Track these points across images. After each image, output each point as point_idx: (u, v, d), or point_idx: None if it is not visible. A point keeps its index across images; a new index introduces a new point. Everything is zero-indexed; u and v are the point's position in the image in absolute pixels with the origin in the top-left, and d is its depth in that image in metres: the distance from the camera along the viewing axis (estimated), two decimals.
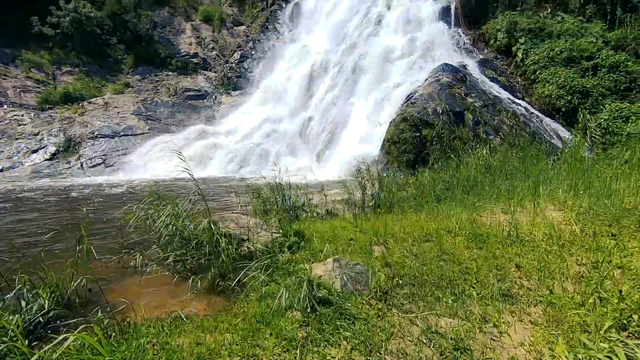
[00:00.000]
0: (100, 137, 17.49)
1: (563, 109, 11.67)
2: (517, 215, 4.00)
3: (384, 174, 12.07)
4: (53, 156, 16.40)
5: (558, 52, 13.08)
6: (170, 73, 27.03)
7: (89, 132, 17.52)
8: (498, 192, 5.04)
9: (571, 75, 12.07)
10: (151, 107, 21.56)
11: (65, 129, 17.96)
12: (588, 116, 10.81)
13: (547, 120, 11.99)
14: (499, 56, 15.36)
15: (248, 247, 3.38)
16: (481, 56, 15.99)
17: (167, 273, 3.41)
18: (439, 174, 6.79)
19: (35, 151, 16.34)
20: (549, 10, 16.25)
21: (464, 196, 4.94)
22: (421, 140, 10.99)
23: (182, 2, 30.48)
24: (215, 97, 25.64)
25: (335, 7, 25.65)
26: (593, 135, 10.55)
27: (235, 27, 31.14)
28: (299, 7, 28.97)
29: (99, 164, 16.32)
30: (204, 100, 25.33)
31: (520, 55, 14.17)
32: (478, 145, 9.81)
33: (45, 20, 24.33)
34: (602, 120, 10.67)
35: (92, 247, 3.08)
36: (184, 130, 19.97)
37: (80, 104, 20.57)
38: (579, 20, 15.27)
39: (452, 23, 17.89)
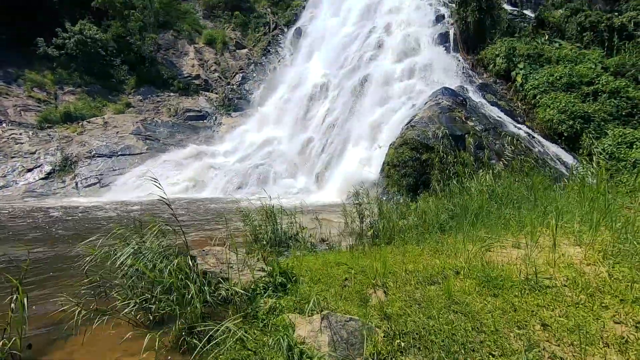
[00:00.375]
0: (98, 157, 17.15)
1: (565, 134, 11.34)
2: (529, 249, 3.53)
3: (384, 198, 11.66)
4: (48, 175, 16.00)
5: (557, 78, 12.89)
6: (171, 94, 27.01)
7: (87, 152, 17.19)
8: (506, 222, 4.58)
9: (572, 100, 11.82)
10: (151, 127, 21.35)
11: (62, 147, 17.65)
12: (593, 141, 10.46)
13: (549, 144, 11.64)
14: (498, 81, 15.20)
15: (227, 290, 2.90)
16: (480, 80, 15.84)
17: (127, 323, 2.90)
18: (442, 200, 6.33)
19: (30, 170, 15.96)
20: (547, 37, 16.24)
21: (469, 227, 4.48)
22: (421, 164, 10.60)
23: (186, 26, 30.88)
24: (216, 117, 25.51)
25: (336, 32, 25.88)
26: (599, 160, 10.17)
27: (237, 50, 31.42)
28: (301, 31, 29.32)
29: (94, 184, 15.89)
30: (205, 120, 25.18)
31: (519, 80, 13.99)
32: (480, 170, 9.41)
33: (51, 42, 24.52)
34: (607, 145, 10.31)
35: (37, 294, 2.61)
36: (182, 150, 19.66)
37: (80, 123, 20.35)
38: (577, 47, 15.21)
39: (451, 48, 17.88)
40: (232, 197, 15.53)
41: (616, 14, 15.35)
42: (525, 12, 20.48)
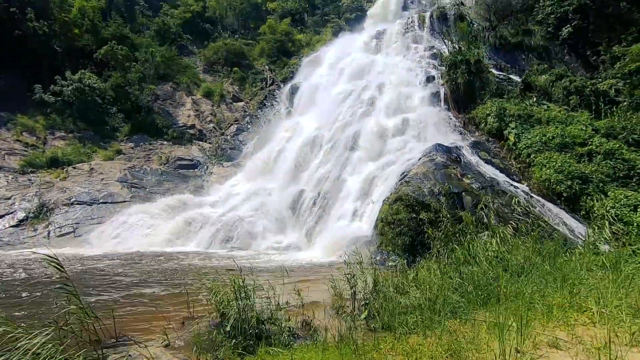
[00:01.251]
0: (77, 204, 16.22)
1: (565, 194, 10.92)
2: (572, 351, 2.73)
3: (377, 257, 10.79)
4: (20, 222, 14.92)
5: (550, 138, 12.82)
6: (164, 142, 26.78)
7: (66, 198, 16.29)
8: (528, 303, 3.78)
9: (568, 161, 11.59)
10: (139, 174, 20.70)
11: (41, 193, 16.74)
12: (594, 203, 10.00)
13: (548, 205, 11.15)
14: (490, 139, 15.16)
15: None
16: (473, 138, 15.81)
17: None
18: (445, 268, 5.56)
19: (1, 216, 14.89)
20: (534, 100, 16.58)
21: (486, 310, 3.68)
22: (418, 223, 9.92)
23: (185, 79, 31.64)
24: (207, 167, 25.07)
25: (330, 89, 26.52)
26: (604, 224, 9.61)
27: (234, 103, 31.97)
28: (296, 87, 30.10)
29: (68, 233, 14.79)
30: (195, 170, 24.69)
31: (512, 139, 13.92)
32: (480, 231, 8.76)
33: (48, 88, 24.63)
34: (609, 208, 9.84)
35: None
36: (169, 199, 18.84)
37: (65, 169, 19.65)
38: (565, 109, 15.45)
39: (442, 107, 18.15)
40: (215, 252, 14.50)
41: (599, 79, 15.89)
42: (510, 76, 21.27)
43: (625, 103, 16.08)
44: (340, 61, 28.67)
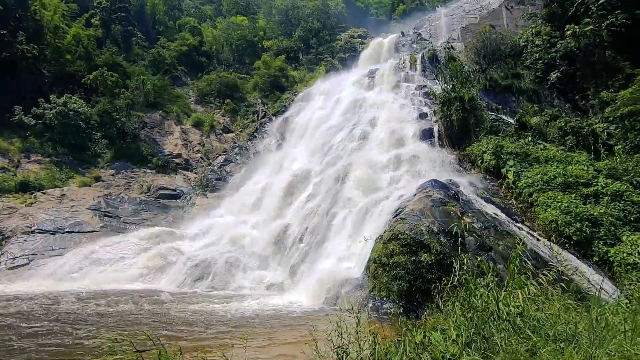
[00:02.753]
0: (38, 233, 14.54)
1: (575, 238, 9.89)
2: None
3: (369, 304, 9.38)
4: None
5: (552, 177, 12.03)
6: (148, 170, 25.44)
7: (26, 226, 14.62)
8: None
9: (574, 201, 10.71)
10: (114, 202, 19.16)
11: (1, 220, 15.04)
12: (608, 249, 8.98)
13: (556, 248, 10.07)
14: (487, 177, 14.35)
15: None
16: (469, 176, 14.97)
17: None
18: (458, 330, 4.30)
19: None
20: (530, 139, 16.04)
21: None
22: (416, 266, 8.67)
23: (176, 108, 30.95)
24: (190, 197, 23.66)
25: (322, 123, 26.00)
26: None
27: (224, 134, 31.17)
28: (288, 120, 29.60)
29: (22, 265, 13.02)
30: (178, 200, 23.24)
31: (511, 177, 13.10)
32: (483, 276, 7.57)
33: (30, 111, 23.48)
34: (626, 254, 8.80)
35: None
36: (144, 230, 17.25)
37: (33, 194, 18.04)
38: (562, 149, 14.87)
39: (436, 143, 17.51)
40: (187, 291, 12.85)
41: (596, 121, 15.56)
42: (502, 117, 21.02)
43: (619, 146, 15.66)
44: (333, 97, 28.49)
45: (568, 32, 21.01)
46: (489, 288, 5.46)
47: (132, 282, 13.32)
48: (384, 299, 9.07)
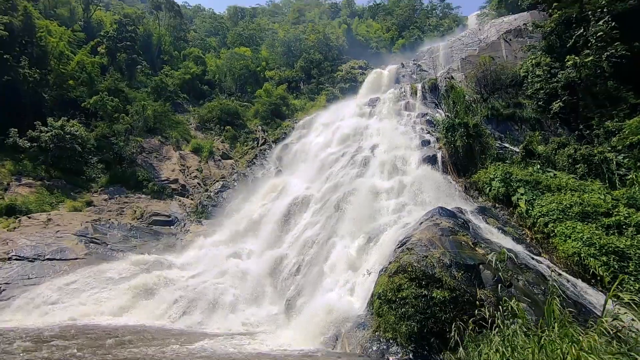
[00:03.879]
0: (15, 259, 13.40)
1: (602, 273, 8.82)
2: None
3: (373, 348, 8.18)
4: None
5: (568, 206, 11.14)
6: (142, 196, 24.52)
7: (4, 252, 13.51)
8: None
9: (596, 232, 9.73)
10: (103, 228, 18.09)
11: None
12: None
13: (581, 284, 9.00)
14: (497, 205, 13.44)
15: None
16: (476, 204, 14.06)
17: None
18: None
19: None
20: (538, 167, 15.28)
21: None
22: (427, 303, 7.57)
23: (175, 133, 30.53)
24: (185, 224, 22.57)
25: (322, 150, 25.45)
26: None
27: (223, 160, 30.55)
28: (288, 147, 29.09)
29: None
30: (171, 227, 22.15)
31: (523, 205, 12.20)
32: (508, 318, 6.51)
33: (25, 133, 22.90)
34: None
35: None
36: (130, 258, 16.06)
37: (18, 218, 17.03)
38: (573, 178, 14.06)
39: (440, 170, 16.73)
40: (171, 326, 11.56)
41: (608, 148, 14.87)
42: (505, 145, 20.39)
43: (630, 176, 14.88)
44: (334, 124, 28.14)
45: (569, 63, 20.84)
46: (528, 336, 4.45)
47: (112, 315, 12.02)
48: (391, 341, 7.89)
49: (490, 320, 6.28)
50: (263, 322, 12.37)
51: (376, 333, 8.40)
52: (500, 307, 7.08)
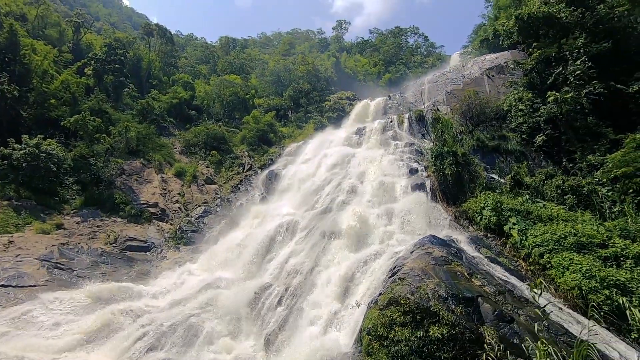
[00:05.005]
0: None
1: (606, 308, 8.22)
2: None
3: None
4: None
5: (562, 236, 10.70)
6: (118, 219, 23.13)
7: None
8: None
9: (595, 264, 9.24)
10: (70, 253, 16.66)
11: None
12: None
13: (583, 320, 8.34)
14: (489, 235, 12.94)
15: None
16: (467, 233, 13.53)
17: None
18: None
19: None
20: (527, 197, 15.03)
21: None
22: (424, 341, 6.74)
23: (158, 156, 29.57)
24: (162, 250, 21.18)
25: (309, 177, 24.91)
26: None
27: (206, 185, 29.55)
28: (274, 174, 28.42)
29: None
30: (147, 253, 20.72)
31: (515, 235, 11.74)
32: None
33: None
34: None
35: None
36: (96, 286, 14.62)
37: None
38: (562, 208, 13.80)
39: (429, 198, 16.30)
40: None
41: (596, 180, 14.82)
42: (493, 176, 20.28)
43: (616, 208, 14.76)
44: (321, 152, 27.84)
45: (550, 99, 21.39)
46: None
47: (68, 351, 10.59)
48: None
49: None
50: (239, 358, 11.12)
51: None
52: (503, 345, 6.33)
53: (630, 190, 15.02)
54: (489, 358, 5.84)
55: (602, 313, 8.14)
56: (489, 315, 7.29)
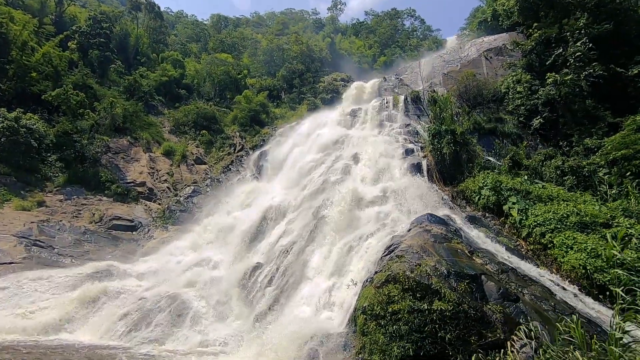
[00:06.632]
0: None
1: (612, 288, 7.80)
2: None
3: None
4: None
5: (565, 215, 10.24)
6: (104, 198, 22.19)
7: None
8: None
9: (601, 243, 8.80)
10: (51, 230, 15.81)
11: None
12: None
13: (586, 300, 7.94)
14: (487, 215, 12.47)
15: None
16: (464, 213, 13.04)
17: None
18: None
19: None
20: (526, 177, 14.56)
21: None
22: (425, 319, 6.22)
23: (146, 135, 28.40)
24: (149, 230, 20.43)
25: (301, 157, 24.15)
26: None
27: (196, 165, 28.60)
28: (266, 154, 27.58)
29: None
30: (133, 232, 19.95)
31: (515, 215, 11.28)
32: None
33: None
34: None
35: None
36: (81, 266, 13.90)
37: None
38: (562, 189, 13.37)
39: (426, 178, 15.76)
40: (116, 346, 9.61)
41: (597, 159, 14.41)
42: (489, 158, 19.79)
43: (614, 191, 14.42)
44: (314, 133, 26.99)
45: (549, 80, 20.79)
46: None
47: (44, 331, 9.93)
48: None
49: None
50: (228, 341, 10.59)
51: (360, 355, 6.96)
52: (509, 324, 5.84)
53: (629, 173, 14.66)
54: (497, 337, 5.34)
55: (607, 293, 7.73)
56: (493, 293, 6.80)
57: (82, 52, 33.07)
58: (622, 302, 5.29)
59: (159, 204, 23.45)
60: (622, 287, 7.59)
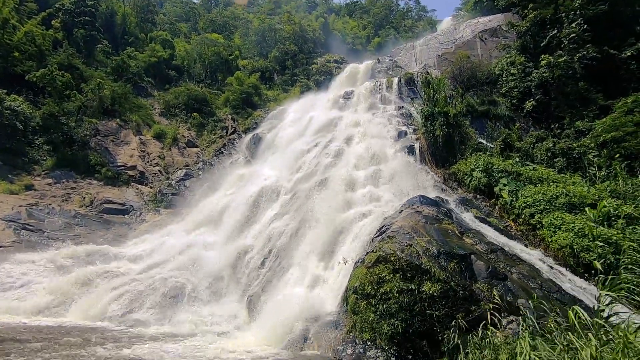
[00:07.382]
0: None
1: (598, 267, 7.95)
2: None
3: (347, 351, 6.81)
4: None
5: (554, 196, 10.33)
6: (94, 182, 21.85)
7: None
8: None
9: (588, 223, 8.92)
10: (41, 214, 15.58)
11: None
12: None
13: (576, 280, 8.11)
14: (478, 196, 12.54)
15: None
16: (456, 195, 13.11)
17: None
18: None
19: None
20: (517, 160, 14.61)
21: None
22: (415, 298, 6.29)
23: (136, 117, 27.78)
24: (141, 213, 20.27)
25: (293, 140, 23.93)
26: None
27: (187, 148, 28.21)
28: (259, 137, 27.26)
29: None
30: (125, 215, 19.79)
31: (506, 196, 11.35)
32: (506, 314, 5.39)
33: None
34: None
35: None
36: (69, 248, 13.78)
37: None
38: (552, 171, 13.47)
39: (418, 160, 15.74)
40: (108, 326, 9.63)
41: (587, 142, 14.48)
42: (481, 141, 19.79)
43: (602, 173, 14.57)
44: (307, 115, 26.66)
45: (543, 62, 20.64)
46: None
47: (34, 313, 9.90)
48: (368, 343, 6.56)
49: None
50: (221, 322, 10.68)
51: (351, 334, 7.05)
52: (497, 302, 5.93)
53: (618, 155, 14.79)
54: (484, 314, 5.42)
55: (592, 272, 7.88)
56: (482, 272, 6.88)
57: (67, 31, 31.88)
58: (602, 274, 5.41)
59: (151, 187, 23.20)
60: (602, 261, 7.78)
